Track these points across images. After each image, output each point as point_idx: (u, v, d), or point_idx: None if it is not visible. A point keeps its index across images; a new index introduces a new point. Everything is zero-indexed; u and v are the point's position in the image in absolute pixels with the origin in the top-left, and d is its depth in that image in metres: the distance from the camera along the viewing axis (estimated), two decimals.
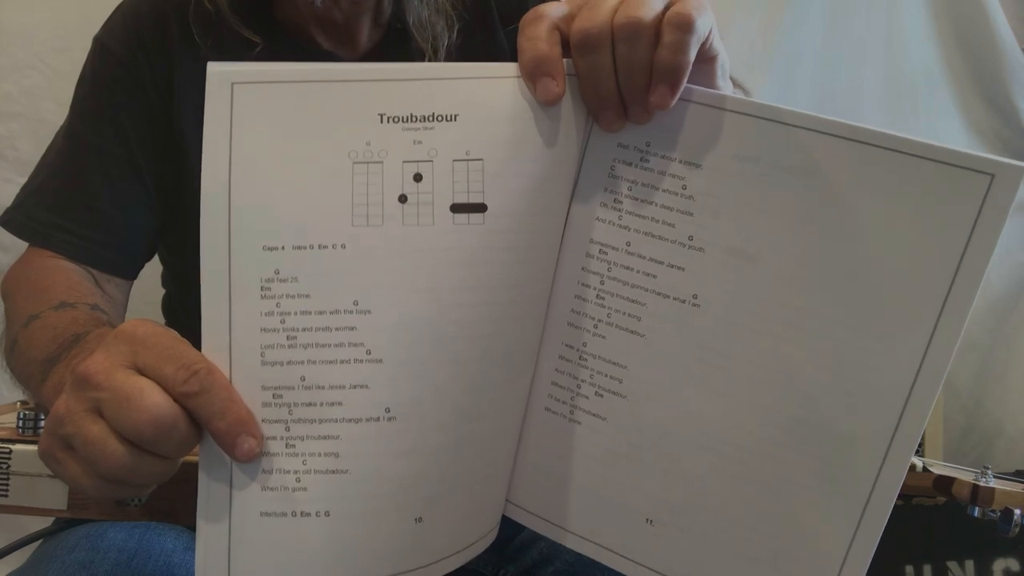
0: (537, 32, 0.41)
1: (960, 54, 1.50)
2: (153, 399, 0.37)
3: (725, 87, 0.45)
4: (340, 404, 0.40)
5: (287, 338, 0.40)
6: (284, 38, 0.70)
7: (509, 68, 0.42)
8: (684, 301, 0.43)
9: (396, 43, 0.71)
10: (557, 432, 0.47)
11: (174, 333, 0.40)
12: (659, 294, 0.44)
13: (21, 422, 0.58)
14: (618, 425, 0.45)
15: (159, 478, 0.40)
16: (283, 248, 0.40)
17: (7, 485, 0.55)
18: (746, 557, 0.43)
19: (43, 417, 0.58)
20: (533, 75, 0.41)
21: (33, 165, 0.73)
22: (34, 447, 0.56)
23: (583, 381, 0.46)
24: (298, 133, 0.40)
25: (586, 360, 0.46)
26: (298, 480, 0.40)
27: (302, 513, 0.41)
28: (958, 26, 1.49)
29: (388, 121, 0.41)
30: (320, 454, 0.41)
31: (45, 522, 0.59)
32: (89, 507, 0.55)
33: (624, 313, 0.45)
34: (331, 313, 0.40)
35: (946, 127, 1.50)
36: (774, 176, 0.41)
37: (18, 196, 0.71)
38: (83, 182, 0.68)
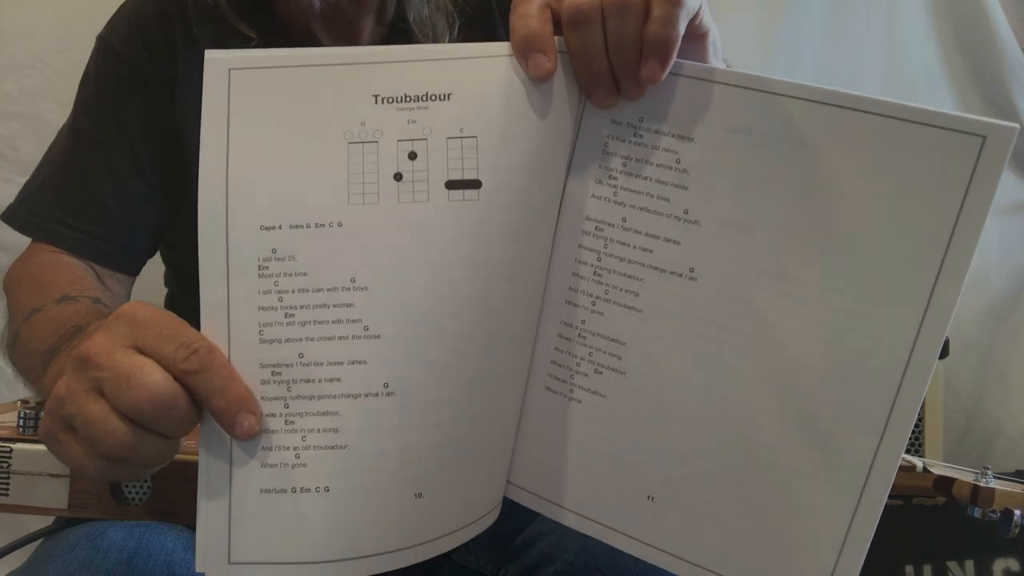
0: (528, 10, 0.42)
1: (960, 54, 1.50)
2: (153, 377, 0.37)
3: (718, 66, 0.45)
4: (339, 380, 0.41)
5: (285, 316, 0.40)
6: (285, 35, 0.70)
7: (501, 47, 0.43)
8: (681, 275, 0.44)
9: (398, 40, 0.71)
10: (557, 411, 0.47)
11: (174, 315, 0.40)
12: (656, 269, 0.44)
13: (21, 421, 0.58)
14: (618, 402, 0.46)
15: (160, 458, 0.40)
16: (280, 227, 0.41)
17: (7, 484, 0.55)
18: (745, 532, 0.43)
19: (43, 415, 0.58)
20: (525, 52, 0.42)
21: (33, 165, 0.73)
22: (34, 447, 0.56)
23: (582, 359, 0.46)
24: (294, 116, 0.41)
25: (585, 337, 0.46)
26: (297, 456, 0.41)
27: (302, 489, 0.41)
28: (958, 26, 1.49)
29: (382, 102, 0.42)
30: (319, 430, 0.41)
31: (45, 521, 0.59)
32: (89, 506, 0.55)
33: (621, 289, 0.45)
34: (328, 290, 0.41)
35: None
36: (767, 146, 0.42)
37: (21, 192, 0.71)
38: (86, 179, 0.68)
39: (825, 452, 0.41)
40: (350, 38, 0.71)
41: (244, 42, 0.67)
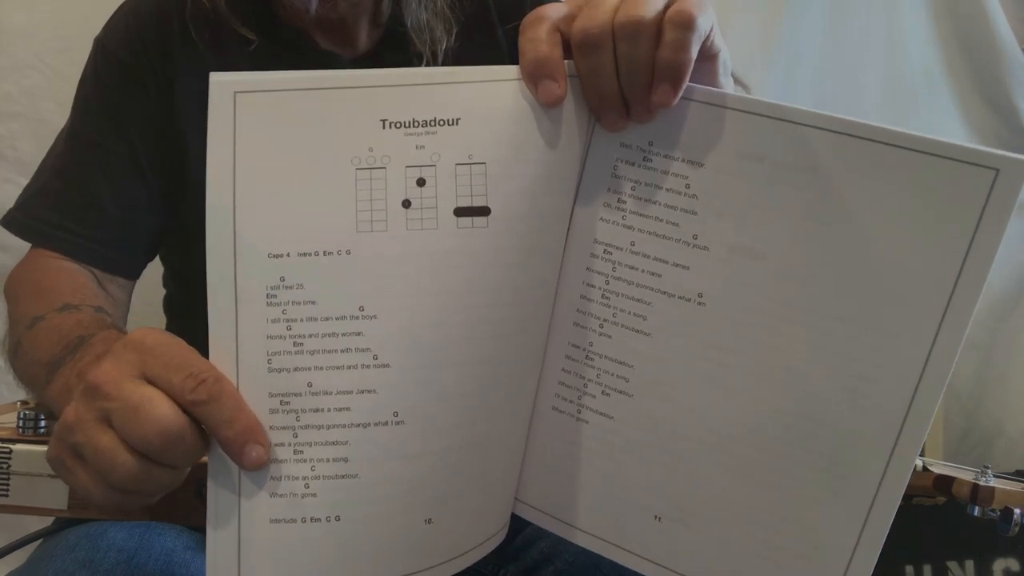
0: (538, 34, 0.41)
1: (960, 54, 1.50)
2: (161, 410, 0.37)
3: (727, 85, 0.45)
4: (348, 409, 0.41)
5: (293, 345, 0.40)
6: (282, 37, 0.70)
7: (510, 71, 0.42)
8: (689, 300, 0.43)
9: (395, 44, 0.71)
10: (565, 431, 0.47)
11: (183, 342, 0.40)
12: (664, 293, 0.44)
13: (21, 422, 0.58)
14: (625, 423, 0.45)
15: (167, 487, 0.40)
16: (288, 255, 0.40)
17: (7, 485, 0.55)
18: (753, 553, 0.43)
19: (43, 417, 0.58)
20: (534, 77, 0.41)
21: (33, 165, 0.73)
22: (34, 447, 0.56)
23: (590, 380, 0.46)
24: (301, 141, 0.41)
25: (592, 359, 0.46)
26: (307, 486, 0.41)
27: (312, 519, 0.41)
28: (958, 26, 1.49)
29: (390, 127, 0.41)
30: (329, 459, 0.41)
31: (45, 522, 0.59)
32: (89, 507, 0.55)
33: (629, 312, 0.45)
34: (337, 319, 0.40)
35: (946, 127, 1.50)
36: (777, 174, 0.41)
37: (20, 197, 0.71)
38: (85, 182, 0.68)
39: (830, 477, 0.41)
40: (346, 38, 0.71)
41: (243, 44, 0.67)
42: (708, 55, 0.43)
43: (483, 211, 0.42)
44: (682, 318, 0.44)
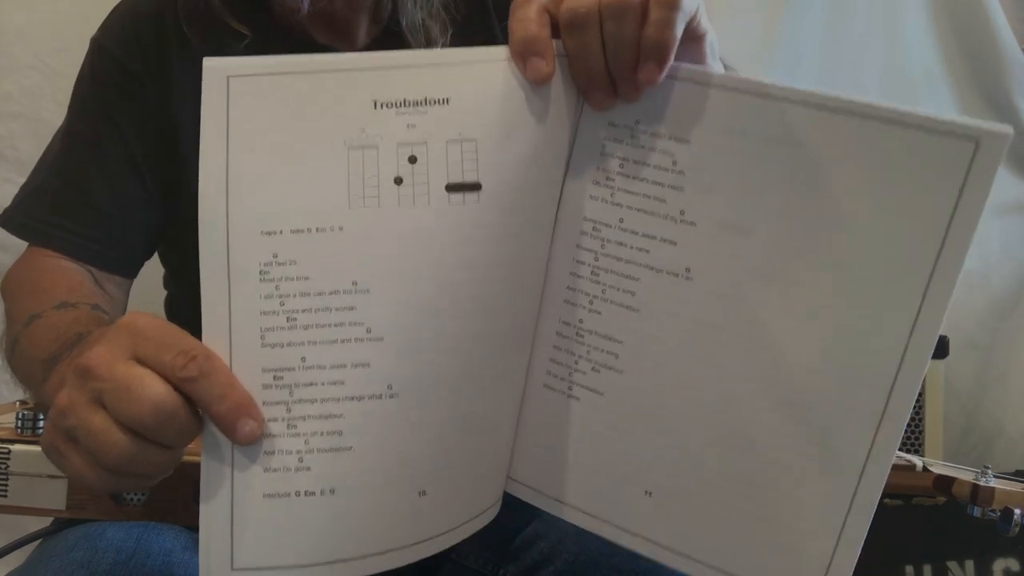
0: (527, 14, 0.42)
1: (960, 54, 1.50)
2: (153, 388, 0.37)
3: (716, 67, 0.45)
4: (342, 383, 0.41)
5: (287, 320, 0.40)
6: (279, 34, 0.70)
7: (499, 51, 0.43)
8: (677, 275, 0.44)
9: (393, 42, 0.71)
10: (556, 408, 0.47)
11: (174, 325, 0.40)
12: (652, 269, 0.44)
13: (20, 422, 0.58)
14: (615, 399, 0.46)
15: (161, 468, 0.40)
16: (281, 232, 0.41)
17: (6, 485, 0.55)
18: (742, 528, 0.43)
19: (43, 417, 0.58)
20: (523, 55, 0.42)
21: (33, 165, 0.73)
22: (33, 447, 0.56)
23: (580, 357, 0.47)
24: (294, 123, 0.41)
25: (582, 336, 0.46)
26: (301, 460, 0.41)
27: (306, 492, 0.41)
28: (958, 26, 1.49)
29: (381, 107, 0.42)
30: (323, 433, 0.41)
31: (44, 522, 0.59)
32: (88, 507, 0.55)
33: (618, 289, 0.45)
34: (330, 294, 0.41)
35: None
36: (763, 149, 0.42)
37: (17, 196, 0.71)
38: (82, 181, 0.68)
39: (821, 449, 0.41)
40: (346, 37, 0.71)
41: (238, 40, 0.67)
42: (695, 35, 0.43)
43: (474, 187, 0.42)
44: (670, 293, 0.44)
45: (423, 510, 0.44)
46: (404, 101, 0.42)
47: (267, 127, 0.41)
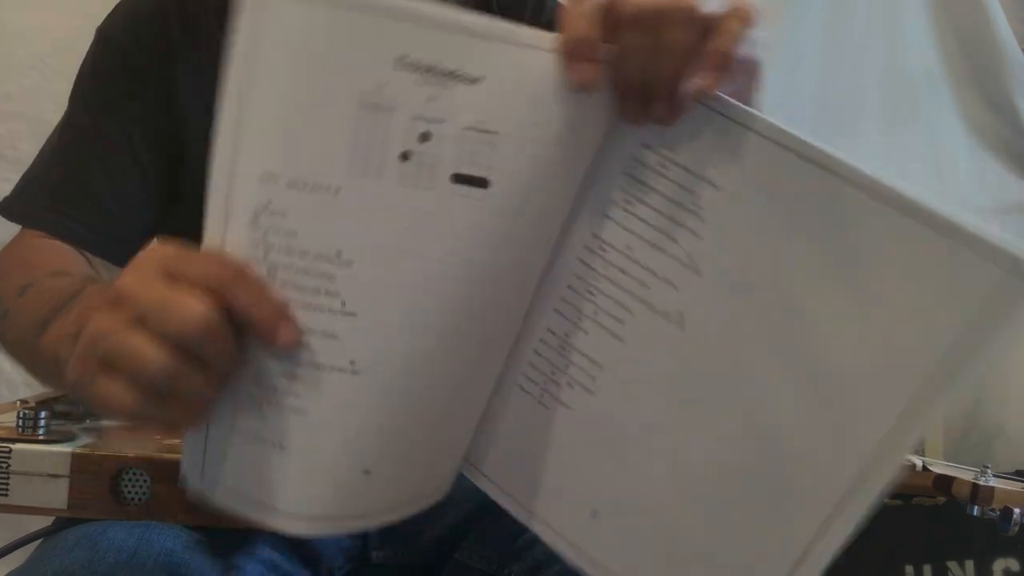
0: (583, 9, 0.40)
1: (960, 54, 1.50)
2: (192, 299, 0.37)
3: (761, 103, 0.44)
4: (308, 349, 0.40)
5: (267, 272, 0.39)
6: None
7: (547, 39, 0.40)
8: (669, 319, 0.43)
9: None
10: (524, 411, 0.47)
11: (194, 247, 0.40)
12: (647, 304, 0.43)
13: (21, 421, 0.58)
14: (582, 417, 0.45)
15: (199, 393, 0.39)
16: (278, 181, 0.39)
17: (7, 484, 0.55)
18: (687, 562, 0.43)
19: (43, 415, 0.58)
20: (572, 55, 0.40)
21: None
22: (34, 447, 0.56)
23: (558, 368, 0.46)
24: (317, 64, 0.39)
25: (565, 349, 0.46)
26: (260, 407, 0.41)
27: (261, 440, 0.41)
28: (958, 26, 1.49)
29: (405, 67, 0.39)
30: (282, 391, 0.41)
31: (45, 521, 0.59)
32: (89, 507, 0.55)
33: (610, 315, 0.44)
34: (313, 256, 0.39)
35: (946, 127, 1.50)
36: (794, 217, 0.40)
37: (17, 185, 0.71)
38: (82, 171, 0.68)
39: (771, 514, 0.40)
40: None
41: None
42: (751, 64, 0.42)
43: (482, 182, 0.40)
44: (659, 335, 0.43)
45: (363, 488, 0.43)
46: (431, 68, 0.39)
47: (293, 63, 0.39)
